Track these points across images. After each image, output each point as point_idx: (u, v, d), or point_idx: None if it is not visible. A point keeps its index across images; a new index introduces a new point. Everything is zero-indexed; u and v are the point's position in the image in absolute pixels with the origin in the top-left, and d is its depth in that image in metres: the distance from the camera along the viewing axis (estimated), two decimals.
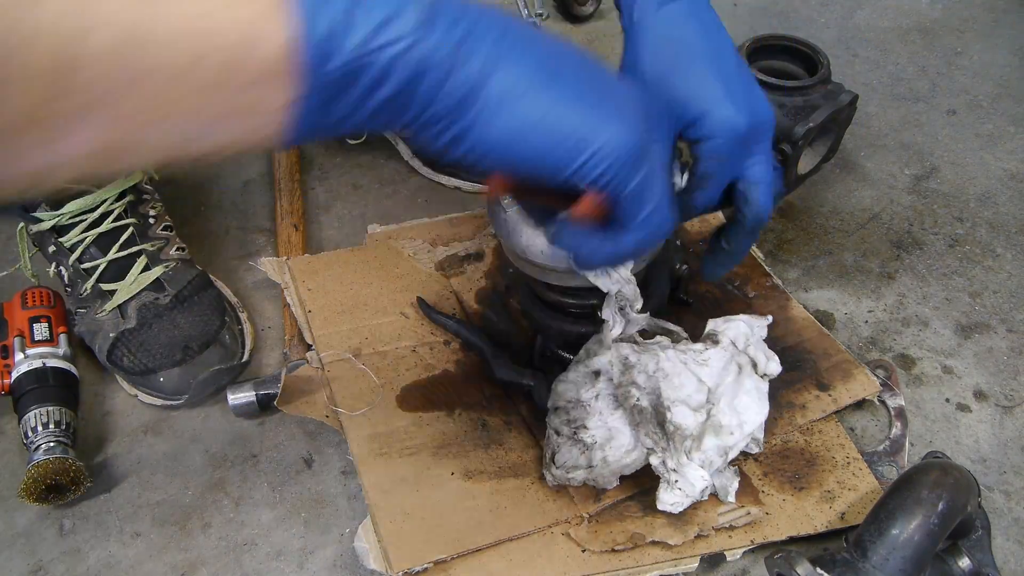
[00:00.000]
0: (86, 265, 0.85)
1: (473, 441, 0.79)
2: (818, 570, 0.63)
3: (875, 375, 0.86)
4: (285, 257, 0.95)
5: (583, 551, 0.72)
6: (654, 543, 0.72)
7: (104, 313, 0.83)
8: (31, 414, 0.80)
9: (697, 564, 0.72)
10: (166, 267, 0.86)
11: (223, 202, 1.08)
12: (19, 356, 0.84)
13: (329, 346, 0.86)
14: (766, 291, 0.94)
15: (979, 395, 0.87)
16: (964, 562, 0.70)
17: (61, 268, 0.87)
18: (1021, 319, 0.93)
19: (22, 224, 0.87)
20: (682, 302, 0.90)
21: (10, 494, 0.80)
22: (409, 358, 0.86)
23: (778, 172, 0.65)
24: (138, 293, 0.84)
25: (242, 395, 0.83)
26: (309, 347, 0.87)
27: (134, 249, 0.86)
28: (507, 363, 0.84)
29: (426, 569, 0.70)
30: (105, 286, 0.84)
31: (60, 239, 0.85)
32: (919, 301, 0.95)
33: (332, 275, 0.93)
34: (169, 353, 0.82)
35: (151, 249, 0.87)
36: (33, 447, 0.78)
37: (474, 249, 0.98)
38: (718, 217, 0.98)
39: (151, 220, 0.89)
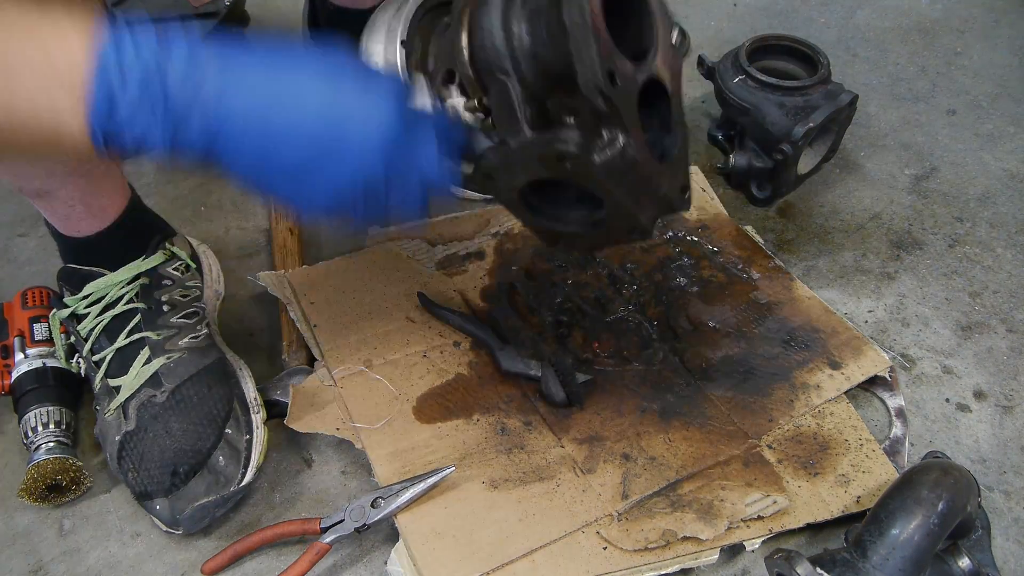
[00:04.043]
0: (96, 357, 0.80)
1: (495, 448, 0.79)
2: (818, 570, 0.63)
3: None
4: (284, 271, 0.94)
5: (604, 548, 0.72)
6: (686, 539, 0.72)
7: (110, 413, 0.79)
8: (31, 414, 0.80)
9: (718, 556, 0.73)
10: (168, 358, 0.79)
11: (223, 202, 1.08)
12: (19, 356, 0.84)
13: (339, 360, 0.85)
14: (770, 272, 0.94)
15: (979, 395, 0.87)
16: (964, 562, 0.70)
17: (80, 361, 0.83)
18: (1021, 319, 0.93)
19: (55, 311, 0.84)
20: None
21: (10, 494, 0.80)
22: (421, 365, 0.86)
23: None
24: (138, 390, 0.78)
25: None
26: (314, 359, 0.87)
27: (137, 337, 0.80)
28: (513, 354, 0.84)
29: None
30: (112, 381, 0.79)
31: (78, 327, 0.81)
32: (919, 301, 0.95)
33: (333, 285, 0.92)
34: (160, 477, 0.76)
35: (156, 338, 0.80)
36: (33, 447, 0.78)
37: (475, 248, 0.98)
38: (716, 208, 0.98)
39: (165, 308, 0.82)
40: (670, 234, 0.98)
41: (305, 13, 1.12)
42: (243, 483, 0.77)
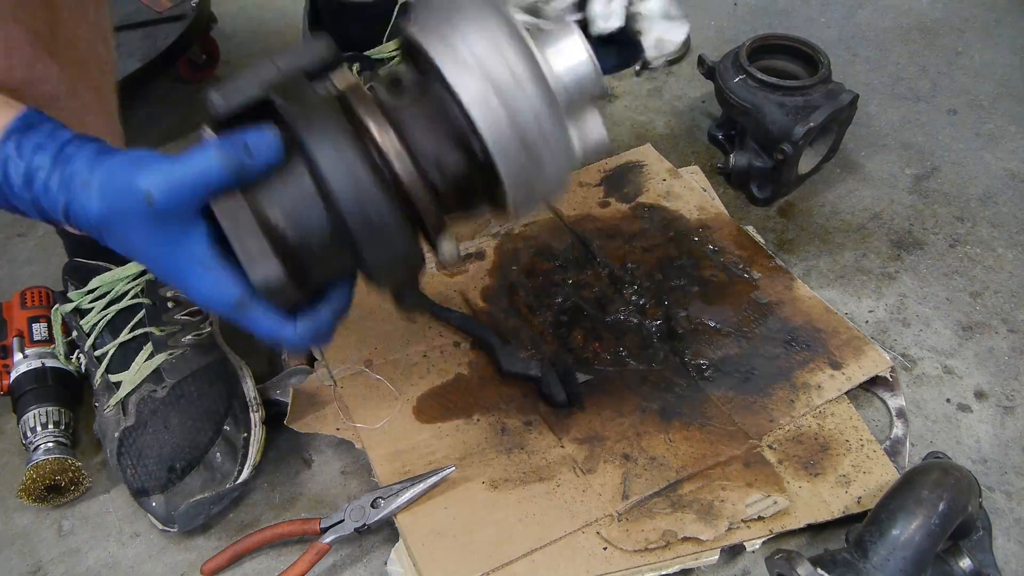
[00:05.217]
0: (98, 352, 0.81)
1: (495, 448, 0.79)
2: (818, 570, 0.63)
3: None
4: None
5: (604, 548, 0.72)
6: (686, 539, 0.72)
7: (109, 409, 0.79)
8: (30, 414, 0.80)
9: (718, 556, 0.72)
10: (170, 354, 0.80)
11: None
12: (18, 356, 0.83)
13: (340, 360, 0.85)
14: (770, 272, 0.94)
15: (980, 395, 0.87)
16: (965, 562, 0.70)
17: (81, 356, 0.83)
18: (1022, 319, 0.93)
19: (57, 306, 0.84)
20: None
21: (9, 494, 0.80)
22: (421, 365, 0.86)
23: None
24: (139, 385, 0.79)
25: None
26: (313, 360, 0.87)
27: (141, 332, 0.80)
28: (514, 354, 0.84)
29: None
30: (112, 377, 0.79)
31: (81, 321, 0.81)
32: (920, 301, 0.95)
33: None
34: (156, 473, 0.76)
35: (159, 334, 0.81)
36: (32, 447, 0.78)
37: (475, 248, 0.98)
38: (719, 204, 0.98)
39: (169, 304, 0.83)
40: (671, 234, 0.98)
41: (305, 12, 1.12)
42: (239, 480, 0.77)
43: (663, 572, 0.71)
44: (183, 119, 1.21)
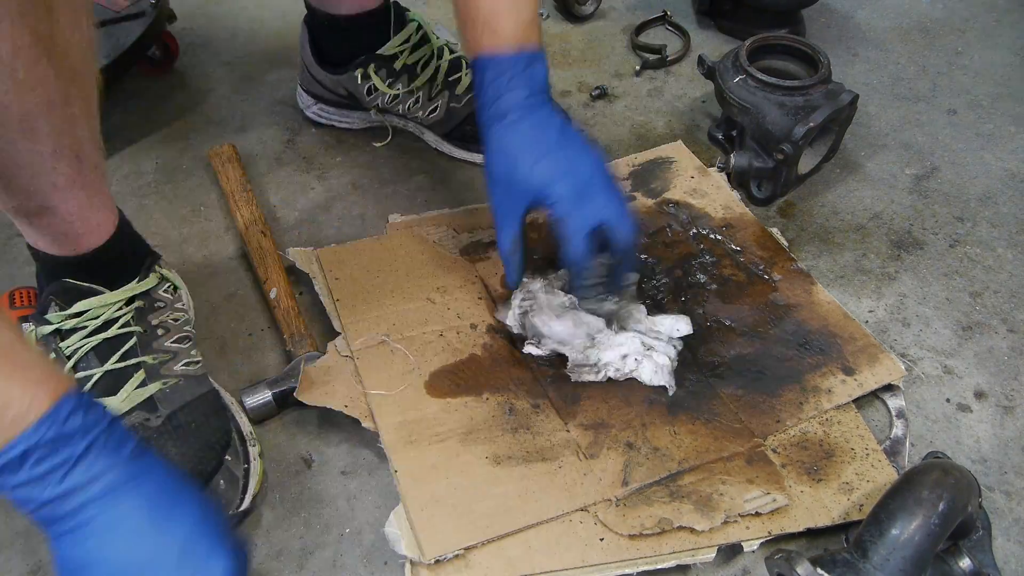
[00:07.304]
0: (79, 375, 0.76)
1: (501, 426, 0.80)
2: (818, 570, 0.63)
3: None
4: (312, 247, 0.96)
5: (601, 540, 0.72)
6: (681, 528, 0.72)
7: None
8: None
9: (714, 554, 0.72)
10: (164, 383, 0.78)
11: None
12: None
13: (358, 334, 0.87)
14: (791, 275, 0.94)
15: (980, 395, 0.87)
16: (965, 562, 0.70)
17: None
18: (1022, 319, 0.93)
19: (32, 327, 0.79)
20: None
21: None
22: (436, 343, 0.86)
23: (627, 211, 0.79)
24: (128, 412, 0.75)
25: (258, 396, 0.83)
26: (316, 348, 0.87)
27: (133, 361, 0.77)
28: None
29: (457, 555, 0.70)
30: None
31: (61, 344, 0.77)
32: (919, 301, 0.95)
33: (358, 264, 0.94)
34: None
35: (152, 362, 0.78)
36: None
37: None
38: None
39: (159, 331, 0.80)
40: (694, 231, 0.98)
41: (304, 36, 1.10)
42: (241, 508, 0.76)
43: (658, 566, 0.71)
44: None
